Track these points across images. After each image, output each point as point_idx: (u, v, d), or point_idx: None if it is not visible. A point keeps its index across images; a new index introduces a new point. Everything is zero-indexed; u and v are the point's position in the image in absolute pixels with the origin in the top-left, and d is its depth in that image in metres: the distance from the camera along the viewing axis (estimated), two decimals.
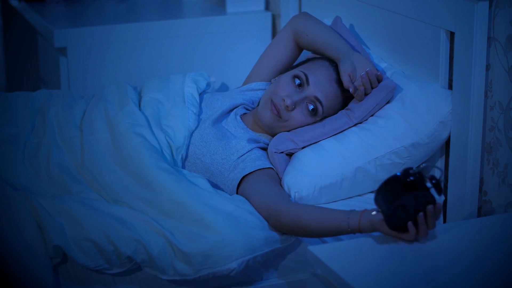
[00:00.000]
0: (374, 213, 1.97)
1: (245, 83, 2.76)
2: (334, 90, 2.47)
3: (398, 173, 1.88)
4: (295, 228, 2.17)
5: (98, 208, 2.20)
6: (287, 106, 2.43)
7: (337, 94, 2.48)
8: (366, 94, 2.47)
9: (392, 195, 1.87)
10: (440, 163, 2.52)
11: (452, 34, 2.42)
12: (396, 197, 1.86)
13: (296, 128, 2.47)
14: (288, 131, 2.47)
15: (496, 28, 2.30)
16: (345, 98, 2.50)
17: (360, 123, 2.47)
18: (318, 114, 2.45)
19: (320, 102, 2.44)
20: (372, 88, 2.47)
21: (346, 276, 1.76)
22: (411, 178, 1.86)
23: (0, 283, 2.12)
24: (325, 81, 2.46)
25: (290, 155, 2.46)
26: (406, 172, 1.87)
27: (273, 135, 2.51)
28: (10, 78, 4.44)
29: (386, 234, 1.94)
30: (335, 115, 2.48)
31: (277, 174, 2.41)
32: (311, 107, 2.44)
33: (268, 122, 2.46)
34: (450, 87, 2.47)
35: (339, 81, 2.48)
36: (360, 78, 2.44)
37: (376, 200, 1.91)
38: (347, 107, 2.49)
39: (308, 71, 2.47)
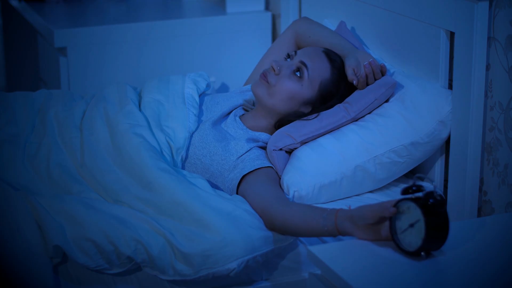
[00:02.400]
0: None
1: (246, 84, 2.77)
2: (321, 57, 2.48)
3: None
4: (286, 230, 2.18)
5: (98, 208, 2.20)
6: (273, 68, 2.44)
7: (323, 60, 2.47)
8: (368, 84, 2.48)
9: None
10: (440, 163, 2.52)
11: (452, 34, 2.42)
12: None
13: (285, 96, 2.45)
14: (279, 103, 2.45)
15: (496, 28, 2.30)
16: (335, 71, 2.47)
17: (357, 120, 2.47)
18: (303, 77, 2.45)
19: (305, 65, 2.45)
20: (376, 79, 2.48)
21: (346, 276, 1.76)
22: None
23: (0, 283, 2.12)
24: (311, 50, 2.50)
25: (289, 152, 2.46)
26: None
27: (271, 131, 2.51)
28: (10, 78, 4.44)
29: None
30: (333, 109, 2.48)
31: (277, 172, 2.41)
32: (296, 70, 2.45)
33: (259, 94, 2.46)
34: (450, 87, 2.47)
35: (328, 53, 2.49)
36: (363, 67, 2.46)
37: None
38: (345, 101, 2.49)
39: (298, 50, 2.54)
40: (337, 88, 2.48)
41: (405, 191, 1.87)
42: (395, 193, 2.47)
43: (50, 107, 2.56)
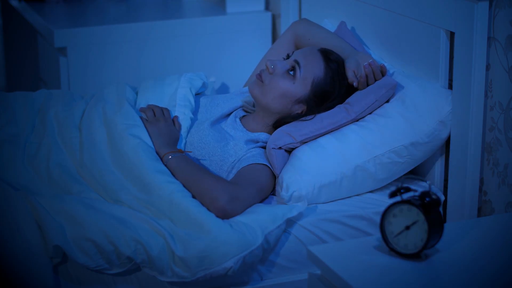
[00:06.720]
0: None
1: (245, 85, 2.77)
2: (316, 56, 2.47)
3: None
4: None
5: (98, 208, 2.20)
6: (267, 68, 2.44)
7: (317, 59, 2.46)
8: (368, 84, 2.48)
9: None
10: (440, 163, 2.52)
11: (452, 34, 2.42)
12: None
13: (277, 94, 2.45)
14: (272, 101, 2.45)
15: (496, 28, 2.30)
16: (330, 70, 2.47)
17: (357, 120, 2.47)
18: (296, 75, 2.45)
19: (298, 63, 2.44)
20: (376, 79, 2.48)
21: (346, 276, 1.76)
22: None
23: (0, 283, 2.12)
24: (307, 50, 2.50)
25: (289, 152, 2.46)
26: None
27: (270, 131, 2.51)
28: (10, 78, 4.44)
29: None
30: (334, 109, 2.48)
31: (273, 171, 2.40)
32: (290, 69, 2.45)
33: (255, 93, 2.47)
34: (450, 87, 2.47)
35: (324, 52, 2.49)
36: (363, 68, 2.45)
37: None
38: (346, 102, 2.49)
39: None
40: (331, 86, 2.47)
41: (393, 195, 1.86)
42: None
43: (50, 107, 2.56)
